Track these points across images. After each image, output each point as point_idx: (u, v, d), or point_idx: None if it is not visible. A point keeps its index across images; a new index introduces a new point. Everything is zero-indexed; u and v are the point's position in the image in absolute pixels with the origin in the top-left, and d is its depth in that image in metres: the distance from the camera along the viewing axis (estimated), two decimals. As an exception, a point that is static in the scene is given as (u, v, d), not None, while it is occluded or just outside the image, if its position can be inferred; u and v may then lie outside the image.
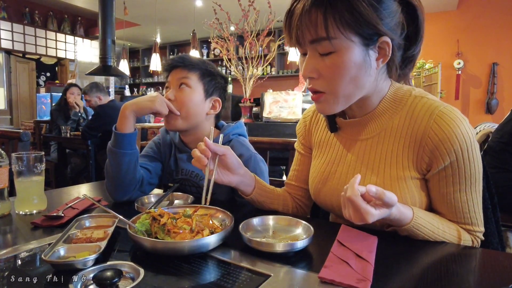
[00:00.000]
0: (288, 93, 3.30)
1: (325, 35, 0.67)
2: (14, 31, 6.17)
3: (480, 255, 0.70)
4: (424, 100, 0.76)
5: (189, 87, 1.09)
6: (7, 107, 6.34)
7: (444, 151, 0.71)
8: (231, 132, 1.15)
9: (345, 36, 0.67)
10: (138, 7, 5.81)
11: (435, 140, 0.72)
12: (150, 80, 9.24)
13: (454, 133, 0.70)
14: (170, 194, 1.01)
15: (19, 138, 1.56)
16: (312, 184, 0.92)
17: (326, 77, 0.72)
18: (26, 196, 0.90)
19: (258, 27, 3.19)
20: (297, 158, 1.03)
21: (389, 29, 0.69)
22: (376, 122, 0.80)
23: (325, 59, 0.70)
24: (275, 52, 3.86)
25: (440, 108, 0.73)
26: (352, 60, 0.69)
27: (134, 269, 0.56)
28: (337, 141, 0.89)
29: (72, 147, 3.67)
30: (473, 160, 0.72)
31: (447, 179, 0.74)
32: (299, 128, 1.02)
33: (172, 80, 1.12)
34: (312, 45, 0.70)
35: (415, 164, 0.75)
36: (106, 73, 4.23)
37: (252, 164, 1.08)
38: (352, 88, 0.73)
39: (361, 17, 0.66)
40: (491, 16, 5.27)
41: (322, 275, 0.55)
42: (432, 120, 0.72)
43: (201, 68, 1.12)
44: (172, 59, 1.13)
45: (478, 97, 5.54)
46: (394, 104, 0.79)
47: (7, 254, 0.65)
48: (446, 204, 0.76)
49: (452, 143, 0.70)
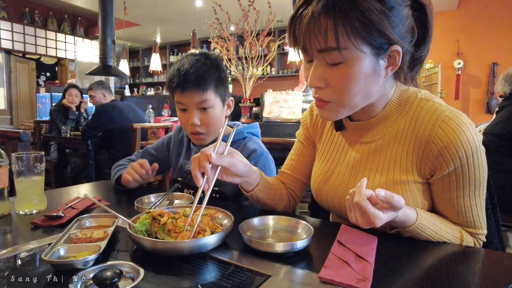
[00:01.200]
0: (288, 93, 3.30)
1: (335, 46, 0.64)
2: (14, 31, 6.17)
3: (480, 255, 0.70)
4: (430, 103, 0.74)
5: (211, 107, 1.08)
6: (7, 107, 6.34)
7: (449, 157, 0.70)
8: (245, 130, 1.16)
9: (356, 47, 0.64)
10: (138, 7, 5.81)
11: (440, 146, 0.70)
12: (150, 80, 9.24)
13: (459, 139, 0.69)
14: (170, 194, 1.01)
15: (19, 138, 1.56)
16: (314, 183, 0.91)
17: (334, 87, 0.70)
18: (26, 196, 0.90)
19: (258, 27, 3.19)
20: (297, 148, 1.01)
21: (399, 37, 0.67)
22: (381, 126, 0.79)
23: (333, 69, 0.68)
24: (275, 52, 3.86)
25: (446, 113, 0.71)
26: (362, 71, 0.67)
27: (134, 269, 0.56)
28: (342, 140, 0.88)
29: (72, 147, 3.67)
30: (478, 165, 0.71)
31: (451, 184, 0.73)
32: (305, 117, 0.99)
33: (189, 104, 1.07)
34: (320, 54, 0.68)
35: (418, 168, 0.75)
36: (106, 73, 4.23)
37: (262, 161, 1.09)
38: (359, 98, 0.71)
39: (373, 26, 0.63)
40: (491, 16, 5.27)
41: (322, 275, 0.55)
42: (437, 125, 0.71)
43: (213, 80, 1.06)
44: (180, 79, 1.04)
45: (478, 97, 5.53)
46: (399, 108, 0.78)
47: (7, 254, 0.64)
48: (449, 207, 0.75)
49: (457, 149, 0.69)
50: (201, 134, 1.09)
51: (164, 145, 1.28)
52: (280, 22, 4.01)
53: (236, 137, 1.14)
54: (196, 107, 1.07)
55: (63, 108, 3.77)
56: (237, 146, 1.13)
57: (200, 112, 1.08)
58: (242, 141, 1.14)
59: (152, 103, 4.13)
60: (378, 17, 0.63)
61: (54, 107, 3.90)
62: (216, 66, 1.10)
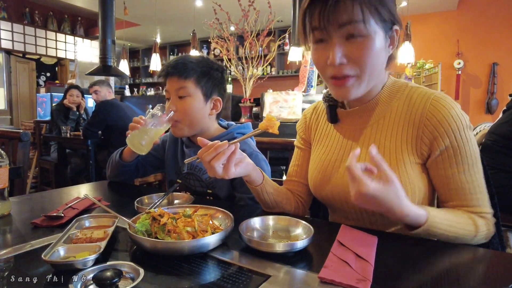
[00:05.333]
0: (288, 93, 3.30)
1: (361, 18, 0.70)
2: (14, 31, 6.16)
3: (480, 255, 0.70)
4: (420, 89, 0.82)
5: (188, 95, 1.10)
6: (7, 107, 6.34)
7: (443, 131, 0.75)
8: (235, 131, 1.16)
9: (375, 21, 0.72)
10: (138, 7, 5.81)
11: (434, 121, 0.76)
12: (150, 80, 9.23)
13: (450, 113, 0.75)
14: (170, 194, 1.01)
15: (19, 138, 1.55)
16: (312, 175, 0.93)
17: (356, 60, 0.74)
18: (141, 135, 0.94)
19: (258, 27, 3.19)
20: (297, 154, 1.04)
21: (398, 18, 0.76)
22: (375, 110, 0.85)
23: (353, 43, 0.73)
24: (275, 52, 3.86)
25: (435, 93, 0.79)
26: (378, 45, 0.74)
27: (134, 269, 0.56)
28: (337, 133, 0.92)
29: (72, 147, 3.67)
30: (469, 140, 0.76)
31: (449, 160, 0.76)
32: (300, 124, 1.05)
33: (170, 90, 1.12)
34: (343, 28, 0.72)
35: (415, 147, 0.79)
36: (106, 73, 4.23)
37: (253, 160, 1.08)
38: (376, 71, 0.77)
39: (386, 5, 0.73)
40: (491, 16, 5.27)
41: (322, 275, 0.55)
42: (428, 103, 0.78)
43: (196, 71, 1.10)
44: (167, 66, 1.12)
45: (478, 97, 5.53)
46: (392, 93, 0.84)
47: (7, 254, 0.65)
48: (450, 187, 0.77)
49: (449, 122, 0.75)
50: (176, 121, 1.10)
51: (160, 145, 1.29)
52: (280, 22, 4.01)
53: (226, 137, 1.14)
54: (175, 94, 1.10)
55: (64, 108, 3.78)
56: None
57: (178, 100, 1.10)
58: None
59: (152, 103, 4.13)
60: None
61: (55, 107, 3.91)
62: (207, 63, 1.14)
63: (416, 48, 4.37)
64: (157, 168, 1.33)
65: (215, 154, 0.76)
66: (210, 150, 0.76)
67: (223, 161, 0.76)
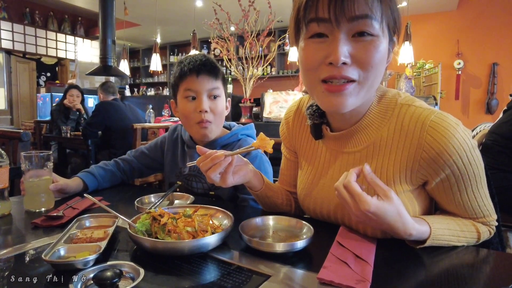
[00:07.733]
0: (288, 93, 3.30)
1: (375, 14, 0.62)
2: (15, 31, 6.17)
3: (480, 255, 0.70)
4: (411, 109, 0.72)
5: (219, 96, 1.11)
6: (7, 107, 6.35)
7: (443, 163, 0.68)
8: (240, 132, 1.16)
9: (385, 23, 0.65)
10: (138, 7, 5.81)
11: (432, 154, 0.68)
12: (151, 80, 9.24)
13: (450, 143, 0.66)
14: (170, 194, 1.01)
15: (19, 138, 1.56)
16: (300, 194, 0.89)
17: (362, 62, 0.64)
18: (35, 195, 0.92)
19: (258, 27, 3.19)
20: (284, 162, 1.00)
21: (398, 27, 0.69)
22: (362, 135, 0.76)
23: (359, 41, 0.64)
24: (275, 52, 3.86)
25: (431, 118, 0.68)
26: (384, 51, 0.66)
27: (134, 269, 0.56)
28: (323, 150, 0.84)
29: (72, 147, 3.68)
30: (474, 162, 0.69)
31: (452, 186, 0.71)
32: (282, 131, 0.97)
33: (200, 89, 1.08)
34: (353, 23, 0.62)
35: (408, 178, 0.72)
36: (106, 73, 4.24)
37: (257, 162, 1.09)
38: (377, 81, 0.68)
39: (395, 10, 0.67)
40: (491, 16, 5.27)
41: (321, 276, 0.55)
42: (424, 132, 0.68)
43: (221, 71, 1.12)
44: (200, 64, 1.07)
45: (478, 97, 5.54)
46: (381, 115, 0.75)
47: (7, 254, 0.65)
48: (455, 205, 0.75)
49: (450, 154, 0.67)
50: (208, 122, 1.08)
51: (158, 146, 1.28)
52: (280, 22, 4.00)
53: (231, 139, 1.15)
54: (207, 93, 1.09)
55: (64, 108, 3.78)
56: (231, 148, 1.13)
57: (210, 99, 1.09)
58: (237, 143, 1.15)
59: (152, 103, 4.13)
60: (395, 5, 0.67)
61: (55, 107, 3.92)
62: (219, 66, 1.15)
63: (416, 48, 4.37)
64: (154, 169, 1.32)
65: (212, 165, 0.75)
66: (207, 161, 0.75)
67: (220, 171, 0.76)
